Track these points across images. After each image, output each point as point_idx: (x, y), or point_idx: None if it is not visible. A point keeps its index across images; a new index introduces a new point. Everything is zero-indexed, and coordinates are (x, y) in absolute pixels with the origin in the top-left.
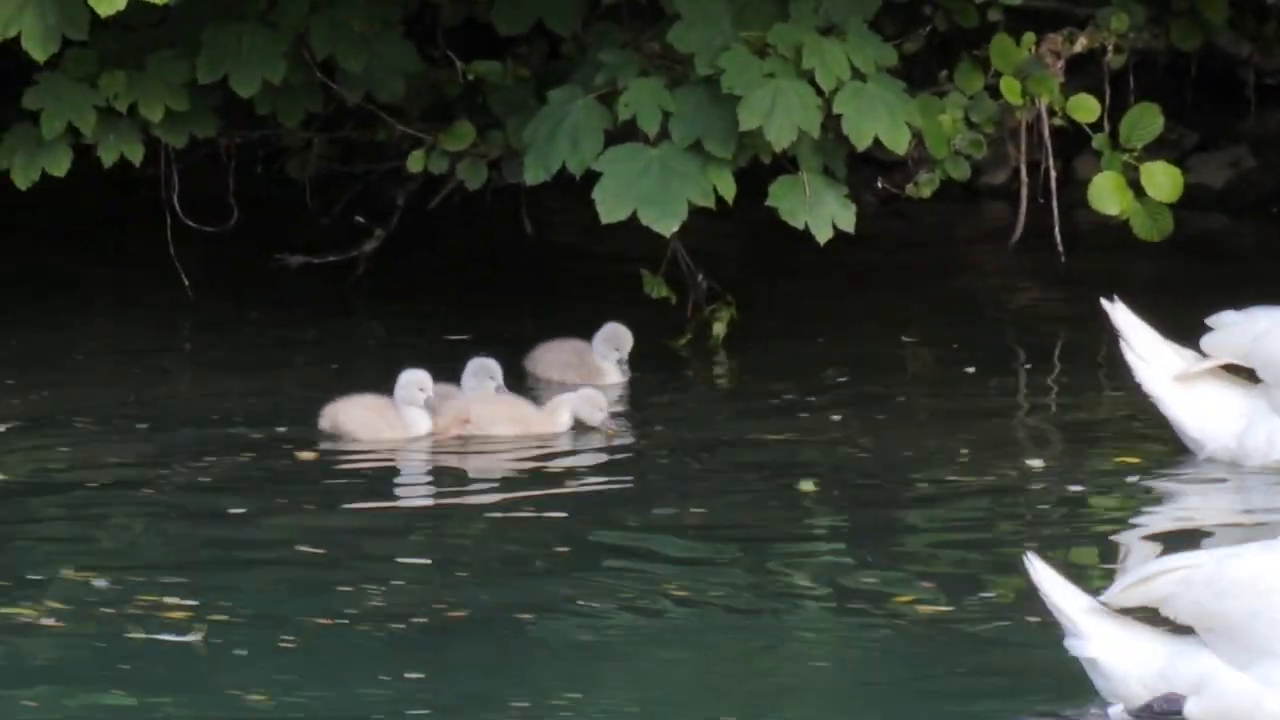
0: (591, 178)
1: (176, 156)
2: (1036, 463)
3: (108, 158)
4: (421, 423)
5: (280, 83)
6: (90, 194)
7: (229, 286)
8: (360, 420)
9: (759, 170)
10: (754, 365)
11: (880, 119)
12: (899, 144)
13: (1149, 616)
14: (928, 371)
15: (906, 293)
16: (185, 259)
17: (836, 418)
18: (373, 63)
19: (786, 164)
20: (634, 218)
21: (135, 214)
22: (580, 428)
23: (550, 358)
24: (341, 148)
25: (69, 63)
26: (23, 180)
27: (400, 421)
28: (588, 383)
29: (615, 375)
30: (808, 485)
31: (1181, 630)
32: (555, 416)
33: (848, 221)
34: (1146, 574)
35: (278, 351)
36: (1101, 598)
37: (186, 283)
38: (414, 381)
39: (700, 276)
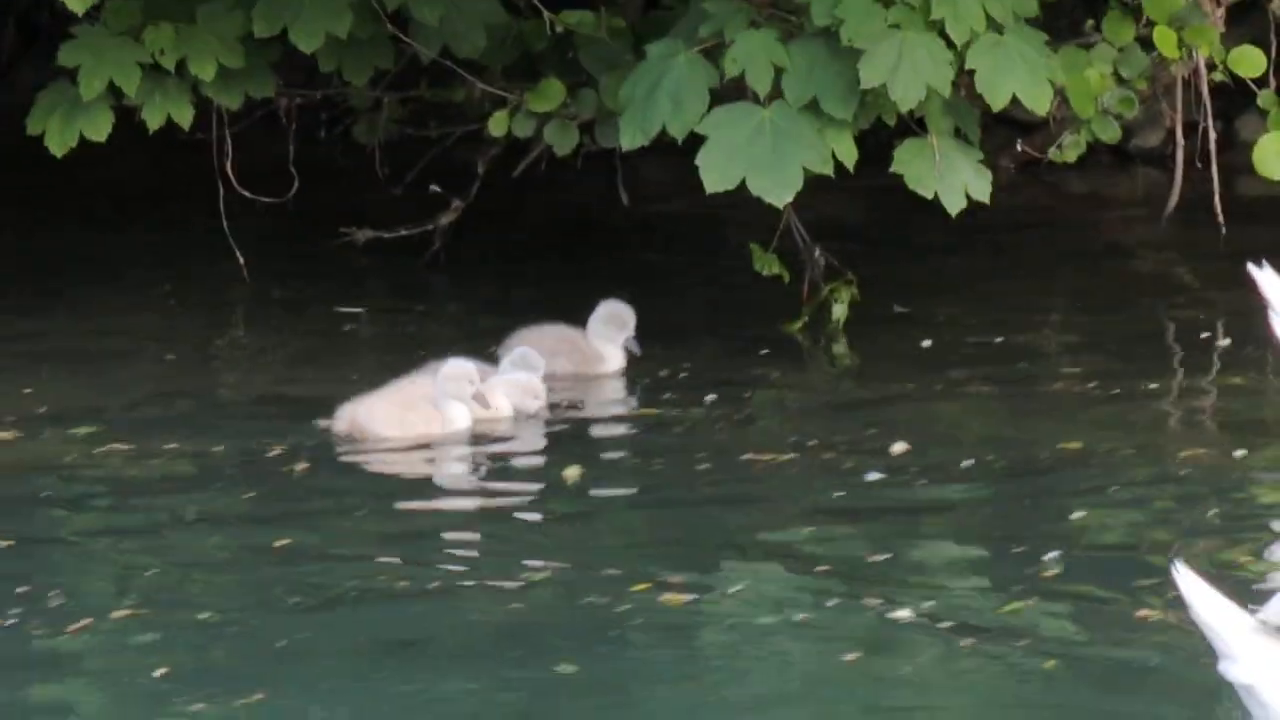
0: (695, 142)
1: (230, 119)
2: (1190, 455)
3: (153, 120)
4: (462, 418)
5: (346, 36)
6: (134, 162)
7: (288, 265)
8: (387, 418)
9: (883, 133)
10: (877, 351)
11: (1019, 75)
12: (1040, 103)
13: None
14: (1071, 358)
15: (1048, 269)
16: (240, 234)
17: (970, 409)
18: (450, 13)
19: (913, 126)
20: (742, 187)
21: (184, 184)
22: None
23: (538, 346)
24: (414, 109)
25: (110, 15)
26: (58, 145)
27: (437, 417)
28: (586, 370)
29: (618, 360)
30: (943, 491)
31: None
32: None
33: (982, 190)
34: None
35: (342, 339)
36: (1261, 615)
37: (242, 260)
38: (461, 374)
39: (817, 252)
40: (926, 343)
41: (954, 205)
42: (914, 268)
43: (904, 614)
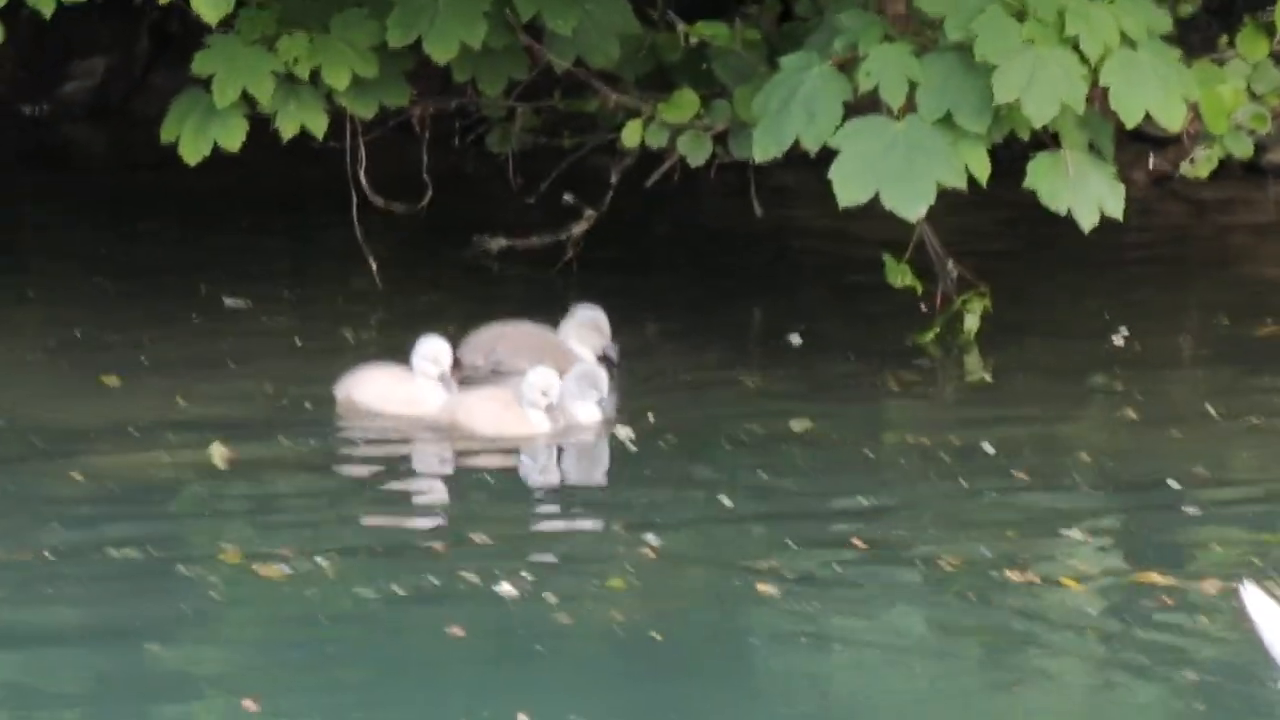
0: (828, 154)
1: (363, 128)
2: None
3: (287, 129)
4: (543, 423)
5: (480, 46)
6: (267, 170)
7: (422, 274)
8: (486, 415)
9: (1016, 146)
10: (1009, 363)
11: (1152, 91)
12: (1173, 119)
13: None
14: (1209, 374)
15: (1182, 284)
16: (373, 242)
17: (1103, 426)
18: (584, 24)
19: (1047, 140)
20: (875, 200)
21: (318, 192)
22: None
23: (513, 342)
24: (547, 119)
25: (244, 24)
26: (192, 154)
27: (525, 418)
28: (561, 369)
29: (590, 359)
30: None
31: None
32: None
33: (1116, 205)
34: None
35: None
36: None
37: (375, 269)
38: (538, 384)
39: (950, 263)
40: (1057, 354)
41: (1087, 220)
42: (1045, 281)
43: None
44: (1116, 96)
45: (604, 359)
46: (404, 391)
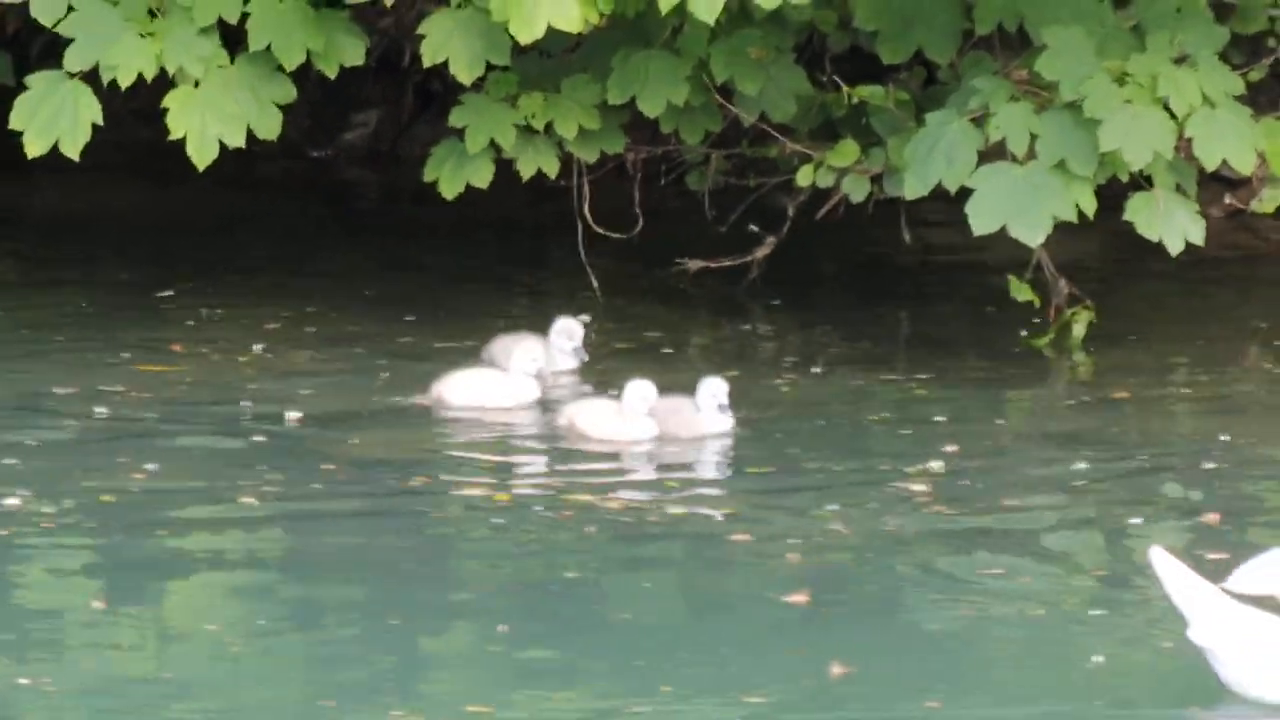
0: (965, 192)
1: (588, 170)
2: None
3: (526, 170)
4: (646, 430)
5: (683, 104)
6: (510, 203)
7: (634, 287)
8: (602, 422)
9: (1116, 186)
10: (1111, 364)
11: (1228, 142)
12: (1245, 165)
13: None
14: (1274, 377)
15: (1254, 300)
16: (595, 263)
17: (1192, 415)
18: (767, 86)
19: (1141, 181)
20: (1003, 229)
21: (551, 222)
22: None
23: (514, 347)
24: (737, 163)
25: (491, 84)
26: (449, 190)
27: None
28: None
29: (571, 364)
30: (1172, 488)
31: None
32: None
33: (1197, 235)
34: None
35: (678, 349)
36: (1224, 585)
37: (595, 284)
38: (638, 394)
39: (1062, 282)
40: (1150, 358)
41: (1174, 246)
42: (1141, 296)
43: None
44: (1199, 145)
45: (578, 358)
46: (499, 390)
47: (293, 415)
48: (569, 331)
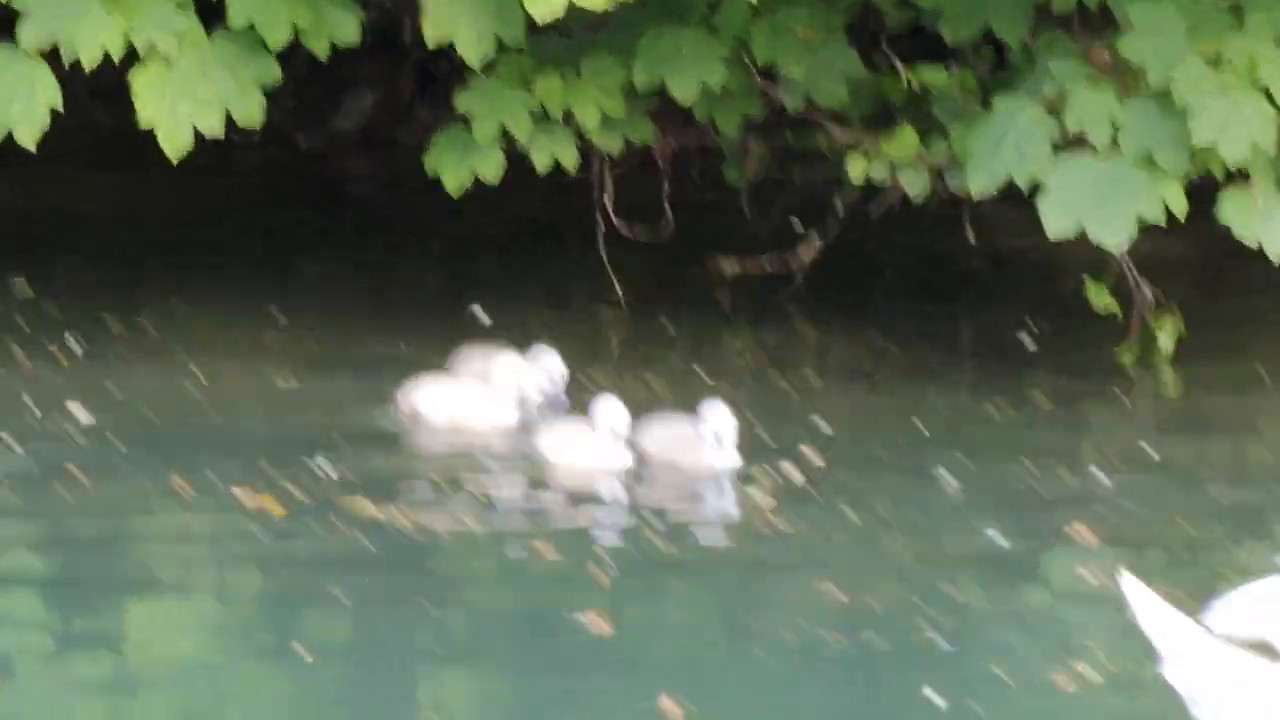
0: (1038, 189)
1: (610, 162)
2: None
3: (540, 162)
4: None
5: (719, 88)
6: (523, 199)
7: (662, 294)
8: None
9: (1209, 181)
10: (1201, 381)
11: None
12: None
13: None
14: None
15: None
16: (618, 265)
17: None
18: (815, 68)
19: (1238, 175)
20: (1081, 231)
21: (568, 219)
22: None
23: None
24: (779, 154)
25: (503, 66)
26: (453, 184)
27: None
28: None
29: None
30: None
31: None
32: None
33: None
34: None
35: (708, 364)
36: (1204, 620)
37: (618, 289)
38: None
39: (1146, 288)
40: (1246, 374)
41: (1275, 251)
42: (1238, 307)
43: None
44: None
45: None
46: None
47: None
48: (551, 370)
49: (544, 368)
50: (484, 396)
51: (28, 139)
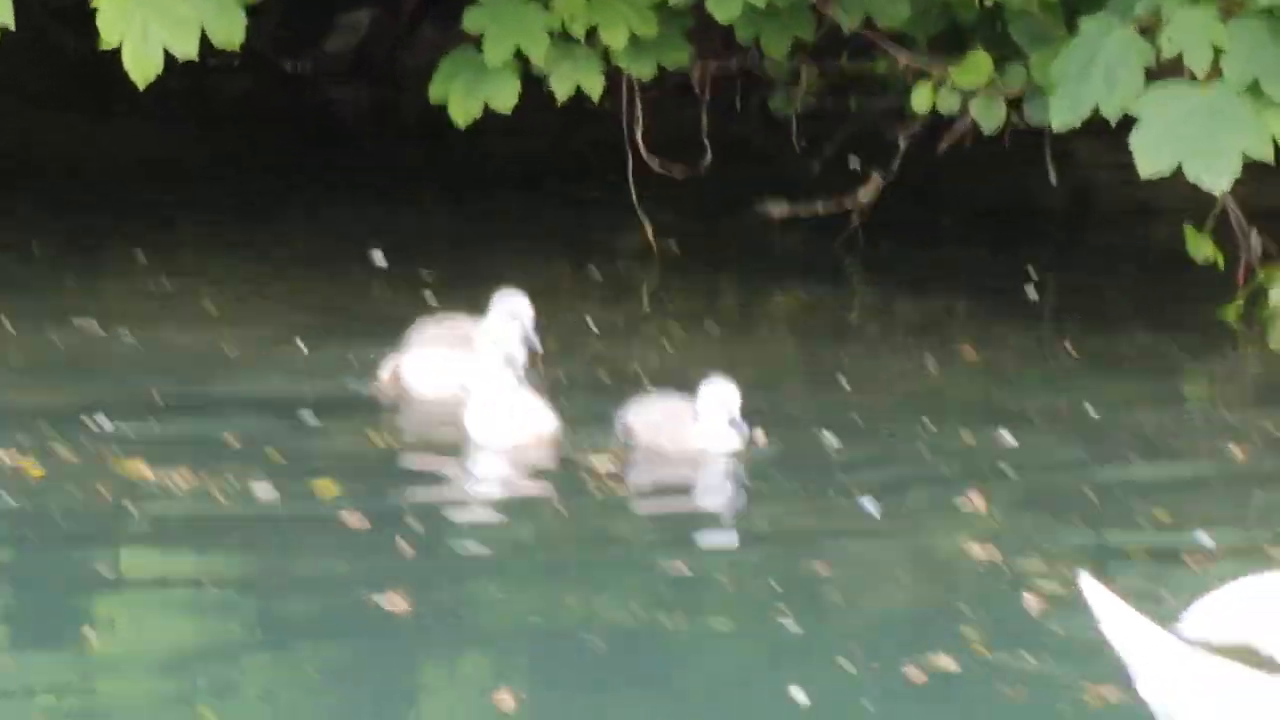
0: (1129, 122)
1: (641, 89)
2: None
3: (561, 90)
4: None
5: (765, 5)
6: (541, 131)
7: (698, 240)
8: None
9: None
10: None
11: None
12: None
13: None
14: None
15: None
16: (650, 206)
17: None
18: None
19: None
20: (1178, 169)
21: (593, 155)
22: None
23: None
24: (833, 81)
25: None
26: (462, 115)
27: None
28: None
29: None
30: None
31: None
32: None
33: None
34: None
35: (752, 320)
36: (1177, 629)
37: (650, 234)
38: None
39: (1254, 234)
40: None
41: None
42: None
43: None
44: None
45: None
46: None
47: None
48: (514, 311)
49: (513, 314)
50: (468, 363)
51: None
